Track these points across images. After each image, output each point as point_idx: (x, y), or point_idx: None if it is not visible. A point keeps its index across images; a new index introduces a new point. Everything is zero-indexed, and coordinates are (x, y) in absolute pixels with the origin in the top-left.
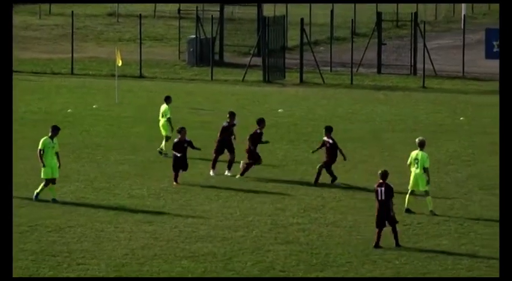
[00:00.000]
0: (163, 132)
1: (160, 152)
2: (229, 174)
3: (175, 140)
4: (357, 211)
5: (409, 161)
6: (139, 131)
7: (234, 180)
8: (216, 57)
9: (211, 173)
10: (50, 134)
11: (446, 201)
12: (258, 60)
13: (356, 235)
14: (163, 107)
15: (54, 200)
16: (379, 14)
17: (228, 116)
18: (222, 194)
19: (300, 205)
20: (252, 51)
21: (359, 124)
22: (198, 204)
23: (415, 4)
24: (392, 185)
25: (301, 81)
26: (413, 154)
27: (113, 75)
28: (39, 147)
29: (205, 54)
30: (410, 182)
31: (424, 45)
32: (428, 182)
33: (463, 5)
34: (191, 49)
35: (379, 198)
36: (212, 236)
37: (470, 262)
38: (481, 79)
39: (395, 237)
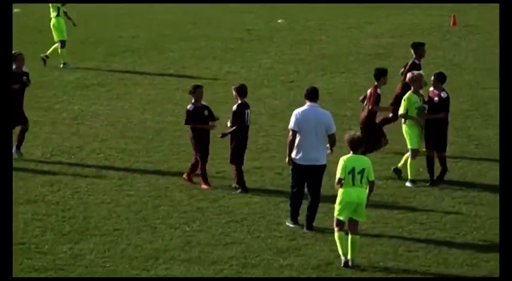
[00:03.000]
0: (55, 37)
1: (44, 60)
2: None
3: (189, 106)
4: (128, 155)
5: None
6: None
7: None
8: None
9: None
10: None
11: (258, 140)
12: None
13: (128, 189)
14: None
15: None
16: None
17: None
18: None
19: (46, 147)
20: None
21: (133, 31)
22: None
23: None
24: None
25: None
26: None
27: None
28: None
29: None
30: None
31: None
32: None
33: None
34: None
35: (247, 123)
36: None
37: (294, 228)
38: None
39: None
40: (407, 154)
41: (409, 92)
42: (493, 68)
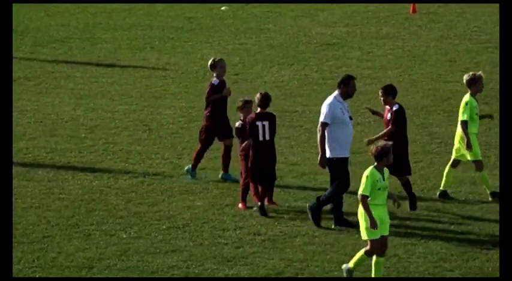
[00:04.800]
0: None
1: None
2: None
3: (238, 124)
4: (58, 155)
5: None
6: None
7: None
8: None
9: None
10: None
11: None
12: None
13: (59, 193)
14: None
15: None
16: None
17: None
18: None
19: None
20: None
21: (62, 20)
22: None
23: None
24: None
25: None
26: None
27: None
28: None
29: None
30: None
31: None
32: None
33: None
34: None
35: (261, 137)
36: None
37: (238, 234)
38: None
39: (270, 197)
40: (447, 171)
41: (468, 95)
42: (456, 60)
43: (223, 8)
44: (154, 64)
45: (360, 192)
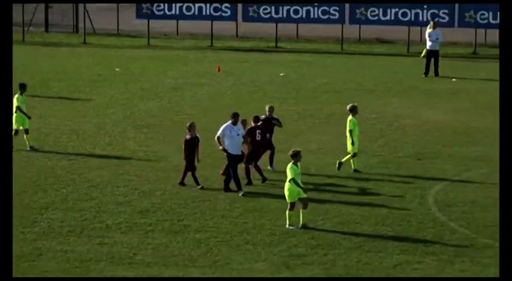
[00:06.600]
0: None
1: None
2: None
3: (187, 137)
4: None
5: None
6: None
7: None
8: None
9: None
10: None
11: (105, 138)
12: None
13: (30, 167)
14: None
15: None
16: None
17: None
18: None
19: None
20: None
21: (28, 75)
22: None
23: None
24: None
25: None
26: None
27: None
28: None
29: None
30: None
31: (84, 7)
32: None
33: None
34: None
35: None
36: None
37: (126, 189)
38: (132, 36)
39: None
40: (350, 156)
41: (352, 116)
42: (242, 96)
43: (117, 69)
44: (83, 98)
45: (289, 177)
